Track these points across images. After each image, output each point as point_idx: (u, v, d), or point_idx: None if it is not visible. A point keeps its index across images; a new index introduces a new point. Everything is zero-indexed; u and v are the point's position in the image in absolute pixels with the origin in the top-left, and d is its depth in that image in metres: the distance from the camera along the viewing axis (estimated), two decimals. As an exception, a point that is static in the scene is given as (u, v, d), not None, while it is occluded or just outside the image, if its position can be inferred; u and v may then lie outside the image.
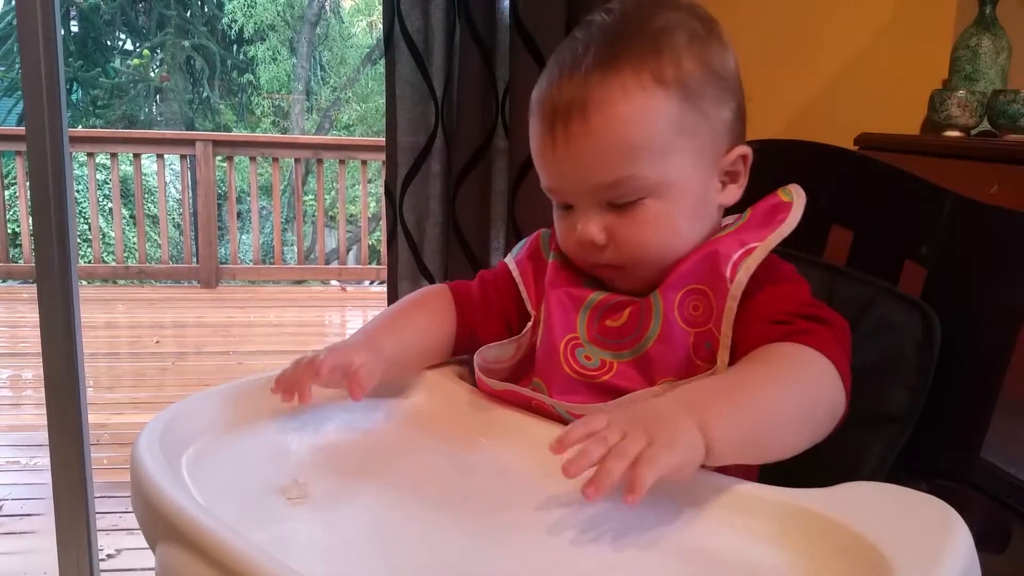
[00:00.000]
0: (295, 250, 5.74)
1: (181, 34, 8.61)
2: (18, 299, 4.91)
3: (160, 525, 0.50)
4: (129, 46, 8.97)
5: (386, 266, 1.44)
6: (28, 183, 1.74)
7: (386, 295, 1.46)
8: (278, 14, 8.82)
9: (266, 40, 8.82)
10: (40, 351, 1.43)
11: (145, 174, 5.98)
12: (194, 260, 5.20)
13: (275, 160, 5.21)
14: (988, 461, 1.09)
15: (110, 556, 1.97)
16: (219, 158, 5.09)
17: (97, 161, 5.08)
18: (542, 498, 0.50)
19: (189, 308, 4.83)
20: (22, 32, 1.33)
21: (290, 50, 8.98)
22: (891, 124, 1.55)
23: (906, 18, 1.57)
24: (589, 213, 0.68)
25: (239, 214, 6.46)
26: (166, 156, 5.34)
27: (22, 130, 1.40)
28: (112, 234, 5.48)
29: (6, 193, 4.95)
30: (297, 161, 5.37)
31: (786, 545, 0.52)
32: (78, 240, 5.58)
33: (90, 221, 5.37)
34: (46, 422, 1.48)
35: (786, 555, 0.51)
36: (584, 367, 0.69)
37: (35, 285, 1.44)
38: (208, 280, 5.09)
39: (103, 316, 4.58)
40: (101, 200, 5.48)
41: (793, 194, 0.71)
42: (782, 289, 0.67)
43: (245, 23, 8.69)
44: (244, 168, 6.44)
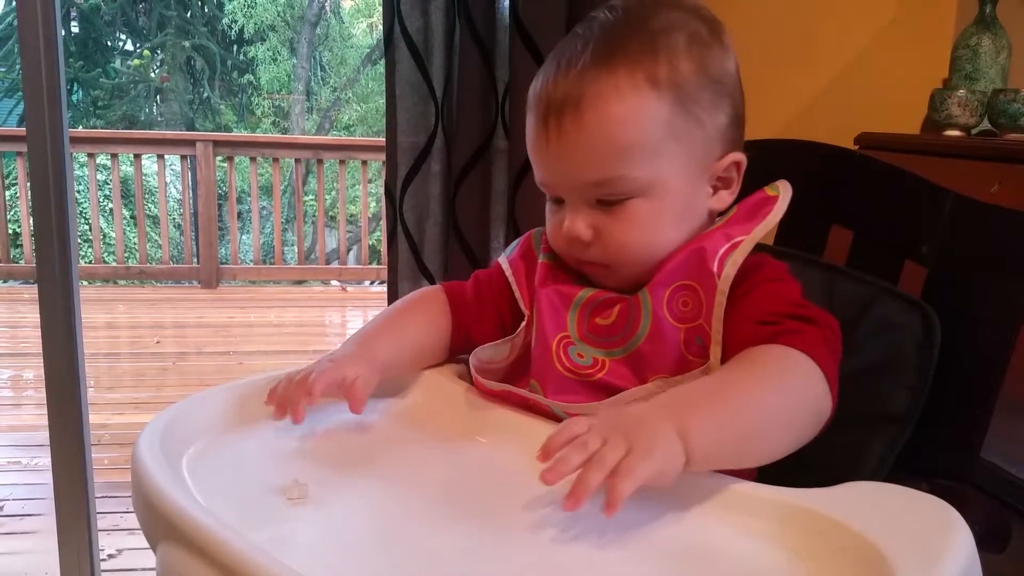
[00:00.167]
0: (295, 250, 5.74)
1: (181, 35, 8.61)
2: (19, 299, 4.91)
3: (161, 525, 0.50)
4: (129, 47, 8.97)
5: (386, 266, 1.44)
6: (29, 184, 1.74)
7: (386, 295, 1.46)
8: (278, 14, 8.82)
9: (266, 40, 8.83)
10: (41, 351, 1.43)
11: (145, 174, 5.98)
12: (195, 260, 5.20)
13: (275, 160, 5.21)
14: (989, 461, 1.09)
15: (111, 556, 1.97)
16: (219, 158, 5.09)
17: (98, 161, 5.08)
18: (541, 498, 0.50)
19: (190, 308, 4.83)
20: (23, 33, 1.33)
21: (290, 50, 8.98)
22: (891, 123, 1.55)
23: (906, 18, 1.57)
24: (578, 209, 0.68)
25: (239, 214, 6.46)
26: (166, 156, 5.34)
27: (23, 131, 1.40)
28: (113, 234, 5.48)
29: (7, 193, 4.96)
30: (297, 161, 5.37)
31: (786, 545, 0.52)
32: (79, 240, 5.57)
33: (91, 221, 5.37)
34: (47, 422, 1.48)
35: (786, 555, 0.51)
36: (577, 365, 0.69)
37: (36, 285, 1.44)
38: (209, 280, 5.09)
39: (104, 316, 4.58)
40: (102, 200, 5.48)
41: (780, 188, 0.71)
42: (771, 288, 0.67)
43: (245, 23, 8.69)
44: (244, 168, 6.45)
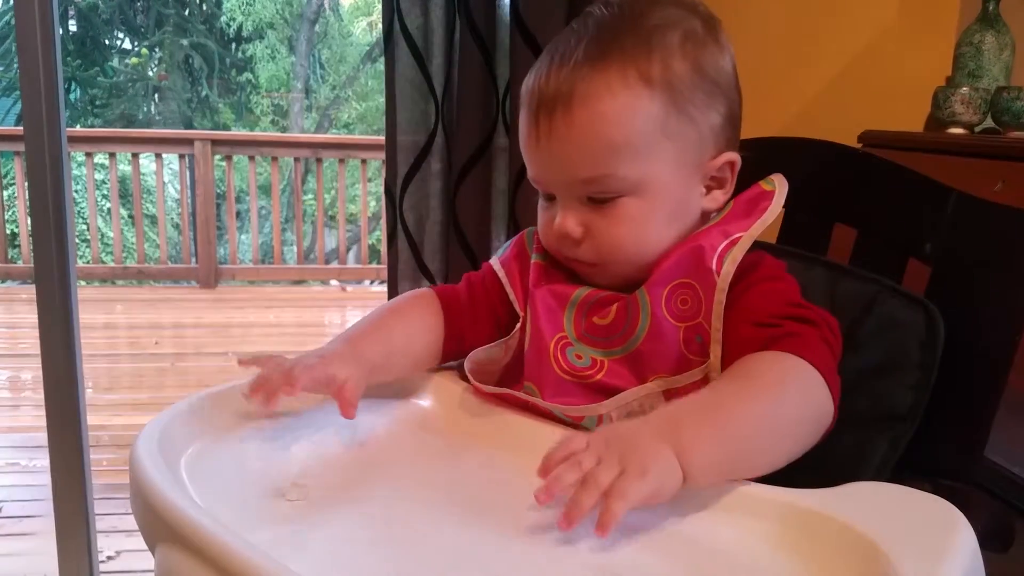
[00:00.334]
0: (294, 250, 5.73)
1: (179, 33, 8.60)
2: (17, 300, 4.91)
3: (159, 527, 0.49)
4: (127, 45, 8.96)
5: (386, 266, 1.44)
6: (26, 183, 1.74)
7: (386, 295, 1.45)
8: (277, 12, 8.81)
9: (265, 38, 8.82)
10: (39, 352, 1.43)
11: (144, 174, 5.98)
12: (193, 260, 5.20)
13: (274, 159, 5.21)
14: (992, 460, 1.09)
15: (110, 558, 1.98)
16: (218, 157, 5.09)
17: (95, 161, 5.08)
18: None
19: (188, 308, 4.83)
20: (20, 31, 1.33)
21: (289, 48, 8.97)
22: (895, 121, 1.55)
23: (909, 15, 1.56)
24: (569, 206, 0.68)
25: (238, 214, 6.45)
26: (165, 155, 5.34)
27: (20, 130, 1.40)
28: (111, 234, 5.48)
29: (4, 193, 4.96)
30: (296, 160, 5.37)
31: (788, 545, 0.52)
32: (76, 240, 5.59)
33: (88, 221, 5.37)
34: (45, 424, 1.47)
35: (788, 555, 0.51)
36: (575, 367, 0.68)
37: (34, 286, 1.44)
38: (207, 280, 5.08)
39: (102, 317, 4.57)
40: (99, 200, 5.49)
41: (775, 183, 0.71)
42: (769, 287, 0.66)
43: (244, 21, 8.69)
44: (243, 167, 6.43)
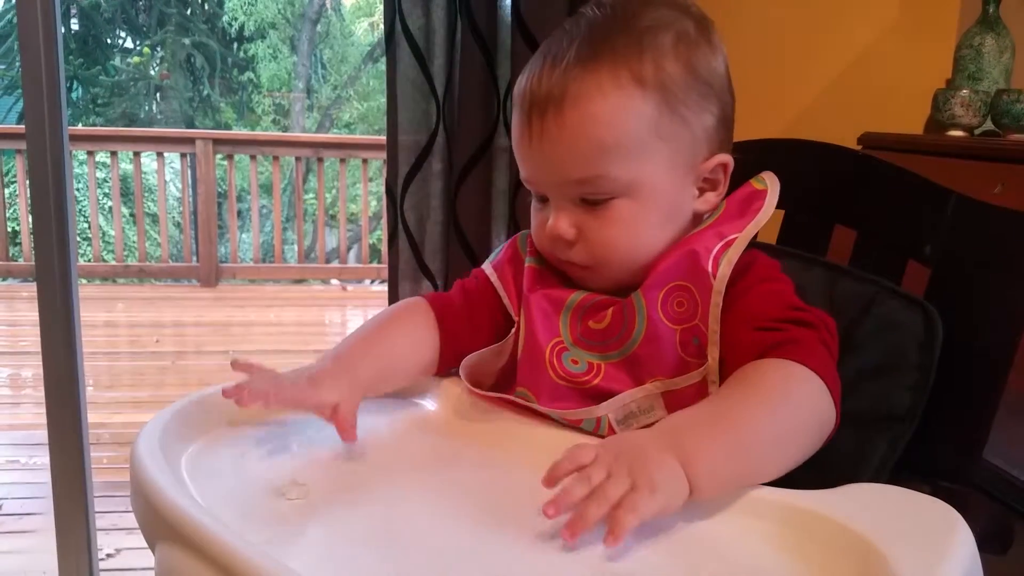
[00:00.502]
0: (295, 249, 5.73)
1: (181, 32, 8.60)
2: (17, 298, 4.91)
3: (159, 525, 0.49)
4: (129, 44, 8.96)
5: (387, 265, 1.44)
6: (28, 181, 1.74)
7: (387, 294, 1.46)
8: (279, 12, 8.81)
9: (267, 38, 8.81)
10: (39, 350, 1.43)
11: (145, 172, 5.98)
12: (194, 259, 5.20)
13: (275, 158, 5.21)
14: (991, 463, 1.09)
15: (109, 555, 1.98)
16: (219, 156, 5.08)
17: (97, 159, 5.08)
18: (542, 499, 0.50)
19: (189, 307, 4.84)
20: (22, 30, 1.33)
21: (291, 48, 8.97)
22: (894, 123, 1.55)
23: (910, 17, 1.57)
24: (561, 208, 0.68)
25: (239, 213, 6.45)
26: (166, 154, 5.34)
27: (22, 128, 1.40)
28: (112, 232, 5.48)
29: (6, 191, 4.95)
30: (298, 160, 5.37)
31: (788, 546, 0.52)
32: (78, 238, 5.59)
33: (90, 219, 5.37)
34: (45, 421, 1.47)
35: (788, 556, 0.51)
36: (571, 372, 0.68)
37: (35, 284, 1.44)
38: (208, 279, 5.08)
39: (103, 315, 4.58)
40: (101, 198, 5.48)
41: (767, 181, 0.70)
42: (767, 289, 0.66)
43: (246, 21, 8.68)
44: (244, 166, 6.44)
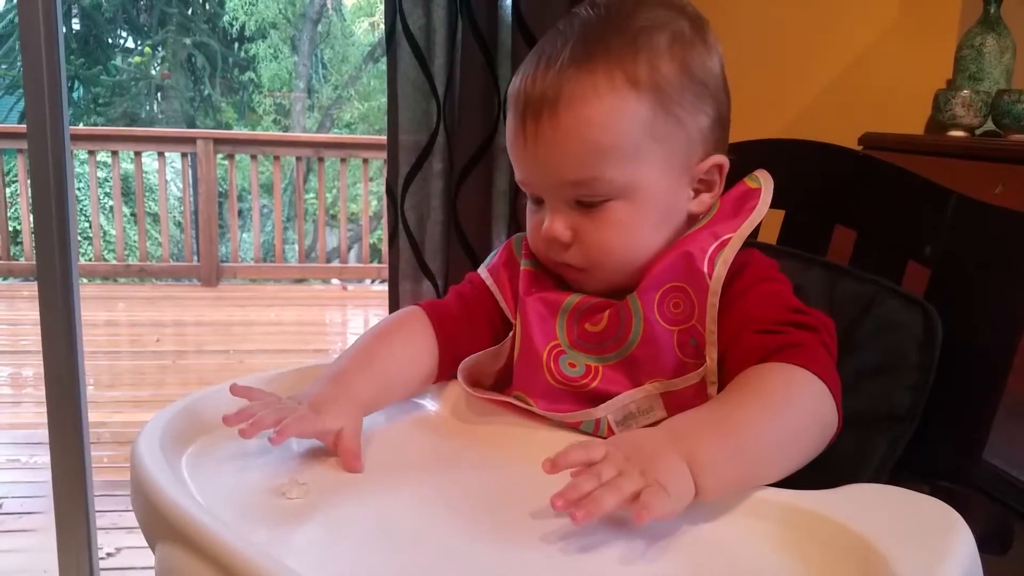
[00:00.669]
0: (296, 248, 5.74)
1: (182, 32, 8.60)
2: (18, 297, 4.92)
3: (160, 525, 0.50)
4: (130, 44, 8.97)
5: (387, 265, 1.44)
6: (29, 181, 1.74)
7: (387, 294, 1.46)
8: (279, 12, 8.81)
9: (267, 38, 8.81)
10: (40, 349, 1.44)
11: (146, 172, 5.98)
12: (195, 258, 5.21)
13: (276, 158, 5.21)
14: (991, 463, 1.09)
15: (110, 554, 1.98)
16: (220, 156, 5.09)
17: (98, 159, 5.08)
18: (543, 499, 0.50)
19: (190, 306, 4.84)
20: (24, 30, 1.33)
21: (292, 48, 8.97)
22: (895, 124, 1.55)
23: (910, 17, 1.56)
24: (557, 210, 0.68)
25: (240, 212, 6.45)
26: (167, 154, 5.34)
27: (23, 128, 1.40)
28: (113, 232, 5.48)
29: (7, 191, 4.95)
30: (298, 159, 5.37)
31: (788, 546, 0.52)
32: (79, 238, 5.59)
33: (91, 219, 5.38)
34: (46, 420, 1.48)
35: (788, 556, 0.51)
36: (568, 376, 0.68)
37: (36, 283, 1.44)
38: (209, 278, 5.09)
39: (104, 314, 4.58)
40: (102, 198, 5.48)
41: (760, 180, 0.70)
42: (766, 290, 0.66)
43: (247, 21, 8.69)
44: (245, 166, 6.44)
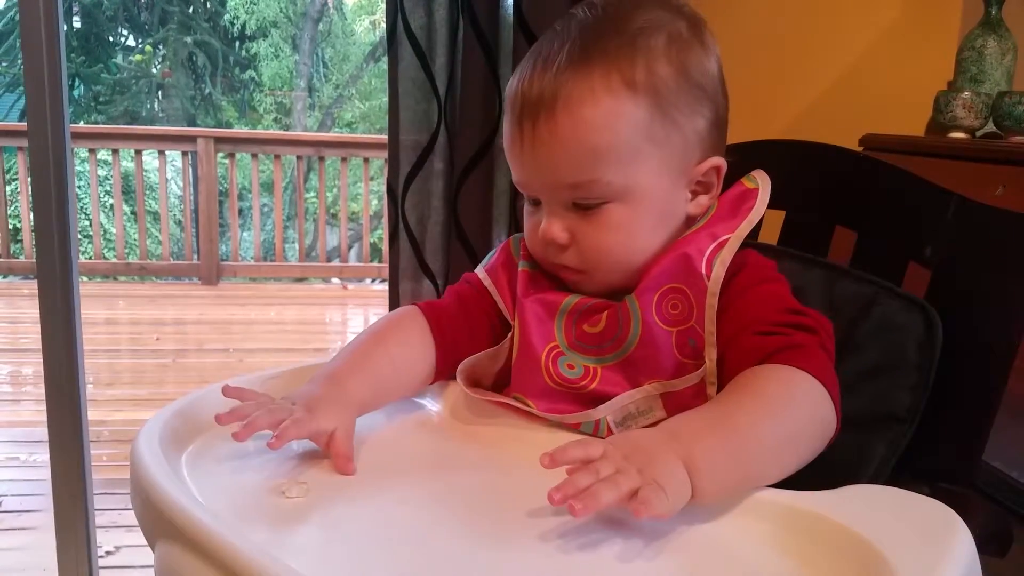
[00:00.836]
0: (296, 247, 5.74)
1: (183, 30, 8.61)
2: (18, 295, 4.92)
3: (159, 523, 0.50)
4: (131, 42, 8.97)
5: (388, 264, 1.44)
6: (29, 179, 1.75)
7: (387, 293, 1.46)
8: (280, 11, 8.81)
9: (268, 37, 8.82)
10: (40, 347, 1.43)
11: (146, 170, 5.98)
12: (195, 257, 5.21)
13: (277, 157, 5.21)
14: (991, 465, 1.09)
15: (109, 553, 1.98)
16: (221, 155, 5.09)
17: (99, 157, 5.08)
18: (542, 500, 0.50)
19: (190, 305, 4.84)
20: (24, 28, 1.33)
21: (292, 47, 8.97)
22: (896, 125, 1.54)
23: (911, 19, 1.56)
24: (554, 212, 0.68)
25: (240, 211, 6.46)
26: (168, 153, 5.34)
27: (24, 126, 1.40)
28: (113, 230, 5.49)
29: (7, 189, 4.96)
30: (299, 158, 5.37)
31: (788, 547, 0.52)
32: (79, 236, 5.59)
33: (91, 217, 5.38)
34: (46, 418, 1.47)
35: (788, 557, 0.51)
36: (566, 377, 0.68)
37: (36, 281, 1.44)
38: (209, 277, 5.09)
39: (104, 312, 4.58)
40: (102, 196, 5.49)
41: (758, 180, 0.70)
42: (764, 291, 0.66)
43: (247, 19, 8.69)
44: (246, 165, 6.44)
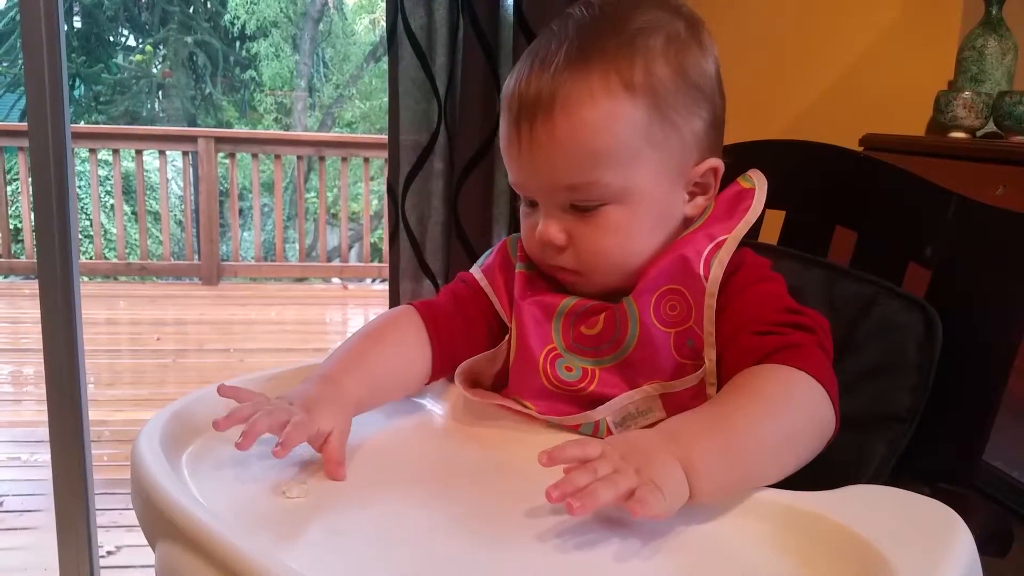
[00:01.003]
0: (297, 247, 5.74)
1: (184, 30, 8.61)
2: (19, 295, 4.92)
3: (160, 523, 0.50)
4: (132, 42, 8.98)
5: (388, 264, 1.44)
6: (30, 179, 1.74)
7: (388, 293, 1.46)
8: (281, 10, 8.81)
9: (269, 36, 8.82)
10: (41, 347, 1.43)
11: (147, 170, 5.98)
12: (196, 257, 5.21)
13: (277, 157, 5.21)
14: (991, 465, 1.09)
15: (110, 553, 1.98)
16: (221, 155, 5.09)
17: (99, 157, 5.08)
18: (541, 500, 0.50)
19: (190, 305, 4.84)
20: (25, 28, 1.33)
21: (293, 47, 8.97)
22: (896, 125, 1.54)
23: (912, 19, 1.56)
24: (551, 214, 0.67)
25: (241, 211, 6.45)
26: (168, 153, 5.35)
27: (24, 126, 1.40)
28: (114, 230, 5.49)
29: (8, 189, 4.96)
30: (299, 158, 5.37)
31: (787, 547, 0.52)
32: (80, 236, 5.60)
33: (92, 217, 5.38)
34: (47, 418, 1.48)
35: (787, 557, 0.51)
36: (564, 380, 0.68)
37: (36, 281, 1.44)
38: (209, 277, 5.09)
39: (104, 312, 4.58)
40: (103, 196, 5.49)
41: (754, 180, 0.70)
42: (762, 290, 0.66)
43: (248, 19, 8.69)
44: (246, 165, 6.45)
